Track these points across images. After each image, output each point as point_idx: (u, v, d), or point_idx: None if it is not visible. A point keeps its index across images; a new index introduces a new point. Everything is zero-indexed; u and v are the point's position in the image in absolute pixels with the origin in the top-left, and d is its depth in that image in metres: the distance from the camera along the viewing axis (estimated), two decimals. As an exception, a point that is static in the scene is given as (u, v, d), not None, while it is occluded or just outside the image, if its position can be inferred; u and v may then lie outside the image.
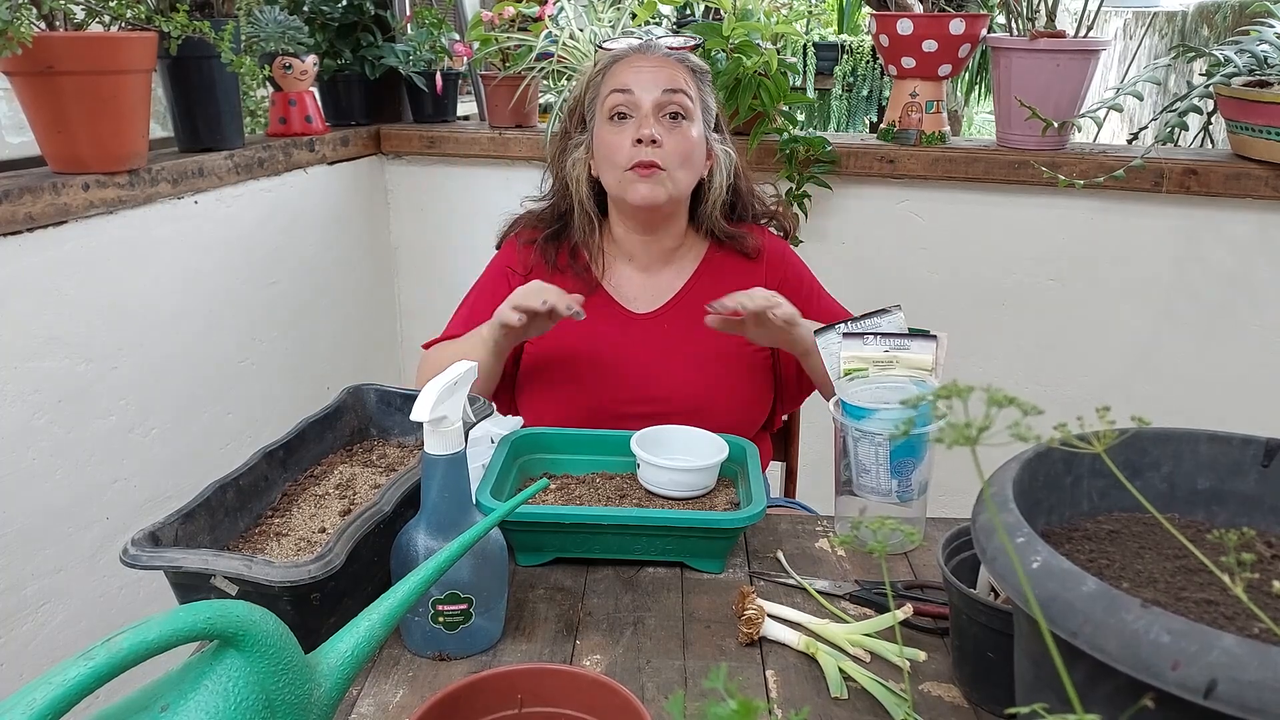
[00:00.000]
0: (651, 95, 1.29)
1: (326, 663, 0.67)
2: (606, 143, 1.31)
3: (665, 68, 1.32)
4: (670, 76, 1.31)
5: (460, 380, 0.86)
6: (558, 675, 0.70)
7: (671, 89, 1.29)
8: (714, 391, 1.34)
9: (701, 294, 1.36)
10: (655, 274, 1.39)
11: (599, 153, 1.33)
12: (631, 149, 1.27)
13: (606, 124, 1.31)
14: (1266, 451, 0.70)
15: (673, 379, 1.33)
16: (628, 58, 1.34)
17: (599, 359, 1.34)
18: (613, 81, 1.31)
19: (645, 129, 1.27)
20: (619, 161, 1.29)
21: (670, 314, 1.37)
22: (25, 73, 1.31)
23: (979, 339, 1.92)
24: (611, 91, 1.30)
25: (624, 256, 1.40)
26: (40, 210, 1.32)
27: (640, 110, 1.29)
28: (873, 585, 0.99)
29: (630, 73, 1.31)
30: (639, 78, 1.30)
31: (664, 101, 1.29)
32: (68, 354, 1.39)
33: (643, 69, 1.31)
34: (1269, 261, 1.75)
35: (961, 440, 0.40)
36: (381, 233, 2.20)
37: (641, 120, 1.28)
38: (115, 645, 0.54)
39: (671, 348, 1.35)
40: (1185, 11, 3.51)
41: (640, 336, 1.36)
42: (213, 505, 0.91)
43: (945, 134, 1.90)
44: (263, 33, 1.73)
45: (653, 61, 1.32)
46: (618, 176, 1.30)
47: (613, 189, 1.33)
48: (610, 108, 1.30)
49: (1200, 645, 0.44)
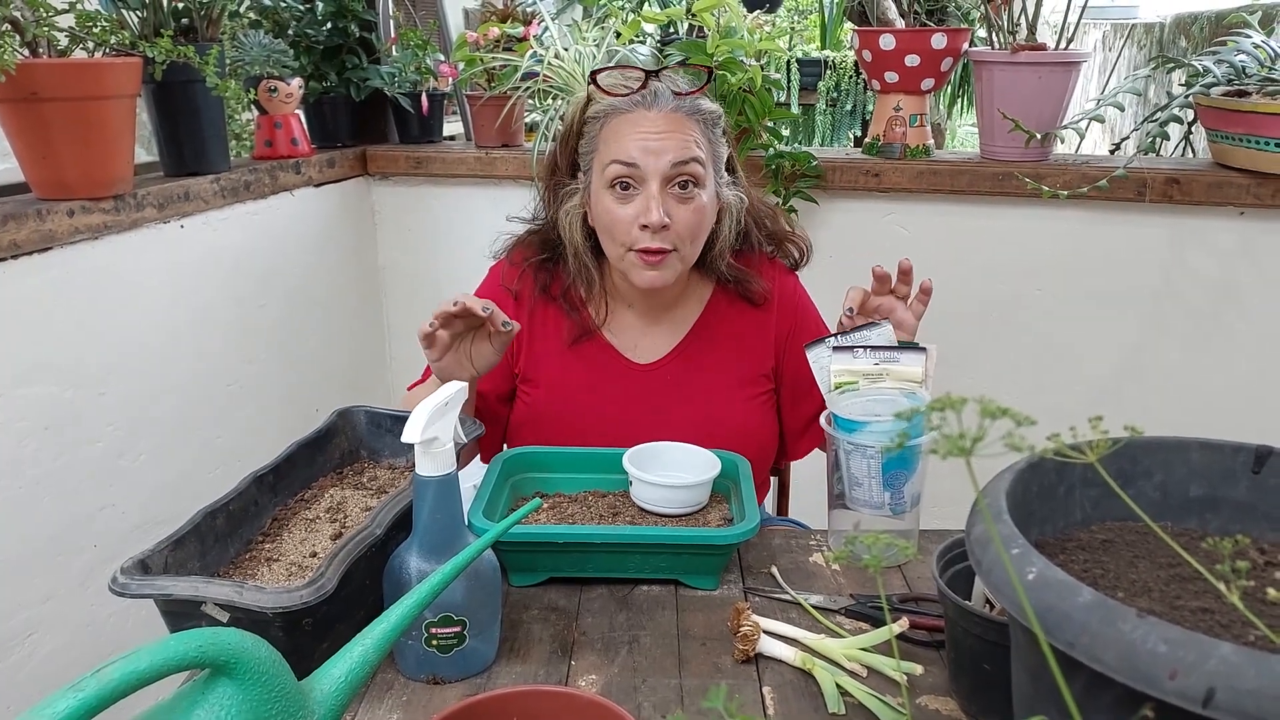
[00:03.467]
0: (660, 169, 1.16)
1: (320, 689, 0.66)
2: (608, 213, 1.19)
3: (674, 131, 1.17)
4: (680, 144, 1.17)
5: (451, 401, 0.86)
6: (553, 697, 0.70)
7: (682, 160, 1.16)
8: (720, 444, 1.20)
9: (705, 342, 1.31)
10: (657, 321, 1.31)
11: (598, 218, 1.22)
12: (637, 230, 1.17)
13: (607, 190, 1.19)
14: (1257, 458, 0.70)
15: (677, 434, 1.21)
16: (630, 114, 1.19)
17: (599, 413, 1.28)
18: (614, 144, 1.18)
19: (654, 215, 1.15)
20: (621, 239, 1.19)
21: (673, 364, 1.30)
22: (9, 100, 1.31)
23: (967, 350, 1.92)
24: (613, 160, 1.17)
25: (623, 303, 1.32)
26: (25, 237, 1.31)
27: (647, 187, 1.16)
28: (868, 599, 0.99)
29: (634, 140, 1.17)
30: (644, 147, 1.16)
31: (674, 175, 1.17)
32: (55, 380, 1.38)
33: (648, 137, 1.16)
34: (1252, 268, 1.76)
35: (956, 451, 0.40)
36: (369, 254, 2.20)
37: (649, 201, 1.16)
38: (105, 676, 0.53)
39: (675, 400, 1.29)
40: (1163, 23, 3.55)
41: (642, 389, 1.29)
42: (202, 531, 0.91)
43: (929, 147, 1.91)
44: (247, 56, 1.74)
45: (659, 124, 1.17)
46: (620, 254, 1.21)
47: (615, 262, 1.23)
48: (611, 177, 1.18)
49: (1198, 654, 0.44)
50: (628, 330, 1.32)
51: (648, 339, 1.32)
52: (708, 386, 1.30)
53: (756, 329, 1.34)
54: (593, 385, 1.29)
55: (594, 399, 1.29)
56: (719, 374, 1.31)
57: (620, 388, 1.29)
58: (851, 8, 2.70)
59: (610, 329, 1.32)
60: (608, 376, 1.30)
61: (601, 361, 1.30)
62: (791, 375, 1.34)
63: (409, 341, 1.32)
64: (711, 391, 1.29)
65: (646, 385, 1.30)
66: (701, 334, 1.32)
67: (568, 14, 2.97)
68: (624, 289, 1.31)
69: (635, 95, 1.21)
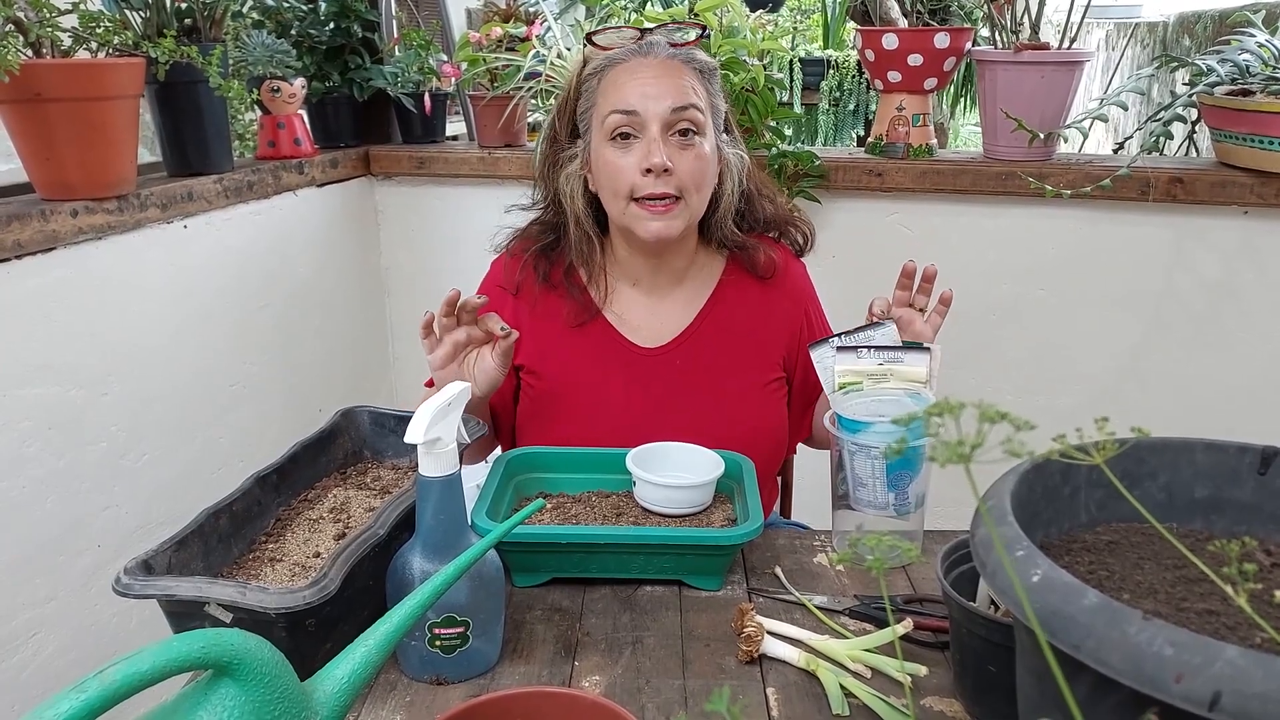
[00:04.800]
0: (659, 114, 1.14)
1: (323, 690, 0.66)
2: (609, 164, 1.17)
3: (671, 76, 1.16)
4: (678, 89, 1.16)
5: (454, 401, 0.86)
6: (556, 698, 0.70)
7: (681, 105, 1.15)
8: (730, 437, 1.18)
9: (717, 323, 1.27)
10: (663, 299, 1.27)
11: (600, 172, 1.19)
12: (639, 177, 1.14)
13: (608, 144, 1.17)
14: (1263, 459, 0.70)
15: (685, 426, 1.19)
16: (626, 64, 1.18)
17: (602, 402, 1.23)
18: (612, 95, 1.17)
19: (655, 156, 1.13)
20: (624, 190, 1.16)
21: (681, 350, 1.25)
22: (12, 100, 1.31)
23: (971, 350, 1.92)
24: (612, 111, 1.16)
25: (627, 280, 1.27)
26: (29, 237, 1.31)
27: (647, 132, 1.14)
28: (872, 600, 0.99)
29: (632, 87, 1.16)
30: (643, 93, 1.15)
31: (674, 120, 1.15)
32: (58, 380, 1.38)
33: (646, 81, 1.16)
34: (1256, 268, 1.76)
35: (955, 458, 0.39)
36: (372, 254, 2.20)
37: (650, 145, 1.14)
38: (108, 677, 0.53)
39: (683, 389, 1.24)
40: (1166, 22, 3.55)
41: (648, 376, 1.24)
42: (205, 532, 0.91)
43: (932, 146, 1.91)
44: (250, 56, 1.74)
45: (655, 69, 1.17)
46: (623, 207, 1.17)
47: (617, 218, 1.20)
48: (611, 128, 1.16)
49: (1204, 657, 0.44)
50: (632, 310, 1.27)
51: (654, 319, 1.27)
52: (716, 374, 1.25)
53: (767, 313, 1.29)
54: (594, 371, 1.25)
55: (596, 386, 1.24)
56: (731, 361, 1.26)
57: (624, 375, 1.24)
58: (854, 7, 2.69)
59: (613, 310, 1.27)
60: (610, 362, 1.25)
61: (604, 346, 1.26)
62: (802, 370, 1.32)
63: (412, 341, 1.32)
64: (723, 382, 1.24)
65: (651, 372, 1.25)
66: (712, 316, 1.27)
67: (570, 14, 2.97)
68: (628, 262, 1.26)
69: (631, 46, 1.21)
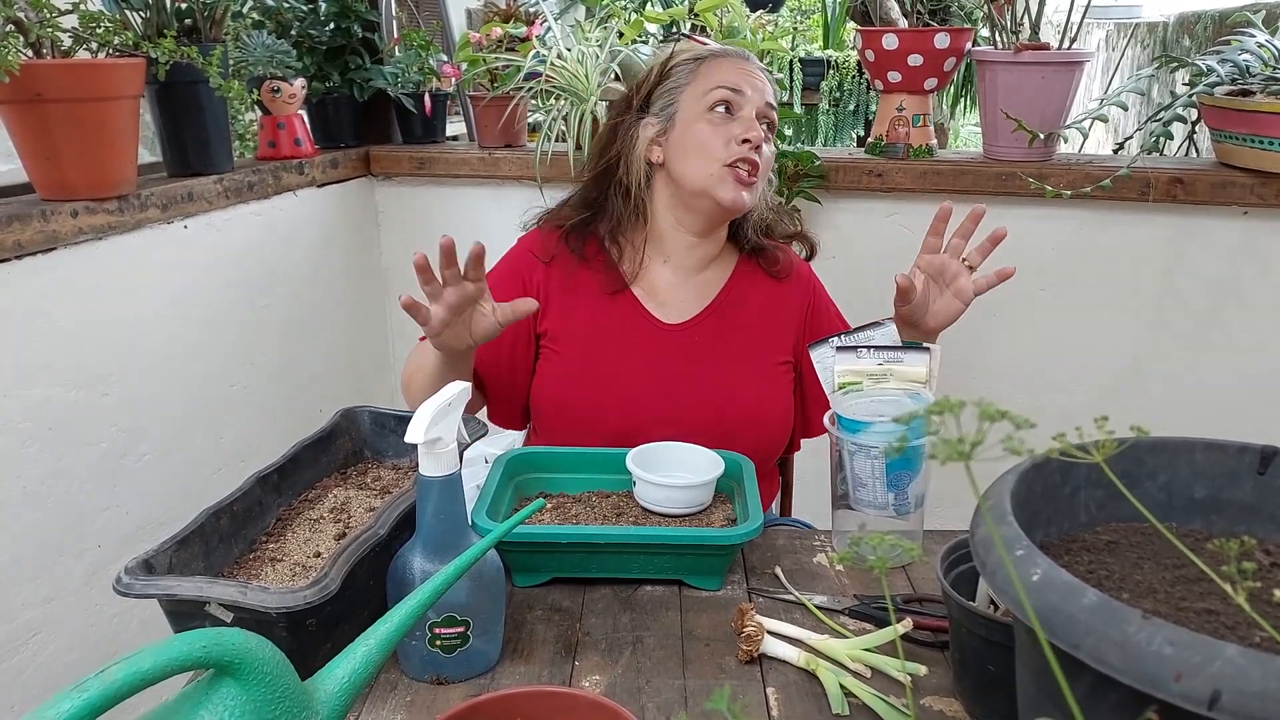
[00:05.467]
0: (758, 102, 1.27)
1: (324, 689, 0.66)
2: (704, 134, 1.26)
3: (767, 81, 1.31)
4: (772, 91, 1.31)
5: (454, 401, 0.86)
6: (557, 697, 0.70)
7: (771, 104, 1.29)
8: (743, 419, 1.29)
9: (733, 307, 1.34)
10: (689, 279, 1.35)
11: (687, 142, 1.27)
12: (737, 145, 1.24)
13: (706, 114, 1.26)
14: (1262, 459, 0.70)
15: (703, 400, 1.28)
16: (730, 58, 1.31)
17: (625, 371, 1.30)
18: (718, 75, 1.28)
19: (755, 130, 1.24)
20: (718, 155, 1.24)
21: (702, 326, 1.33)
22: (13, 101, 1.31)
23: (971, 350, 1.92)
24: (719, 85, 1.27)
25: (660, 256, 1.35)
26: (29, 238, 1.31)
27: (746, 110, 1.26)
28: (872, 600, 0.99)
29: (739, 74, 1.28)
30: (750, 80, 1.28)
31: (764, 112, 1.28)
32: (58, 381, 1.38)
33: (751, 73, 1.29)
34: (1256, 268, 1.76)
35: (955, 456, 0.39)
36: (372, 254, 2.20)
37: (749, 121, 1.25)
38: (109, 676, 0.53)
39: (700, 364, 1.31)
40: (1166, 22, 3.55)
41: (669, 350, 1.31)
42: (206, 532, 0.91)
43: (932, 147, 1.91)
44: (250, 57, 1.74)
45: (756, 70, 1.31)
46: (711, 170, 1.25)
47: (699, 182, 1.26)
48: (715, 99, 1.26)
49: (1203, 656, 0.44)
50: (659, 288, 1.34)
51: (677, 298, 1.34)
52: (733, 352, 1.32)
53: (779, 303, 1.37)
54: (619, 342, 1.31)
55: (620, 356, 1.30)
56: (744, 341, 1.34)
57: (648, 346, 1.31)
58: (854, 7, 2.70)
59: (641, 286, 1.34)
60: (635, 334, 1.32)
61: (630, 319, 1.32)
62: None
63: (413, 342, 1.32)
64: (736, 358, 1.31)
65: (673, 345, 1.32)
66: (729, 299, 1.35)
67: (570, 14, 2.97)
68: (668, 237, 1.34)
69: (734, 49, 1.34)
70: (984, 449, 0.40)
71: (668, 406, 1.27)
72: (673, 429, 1.21)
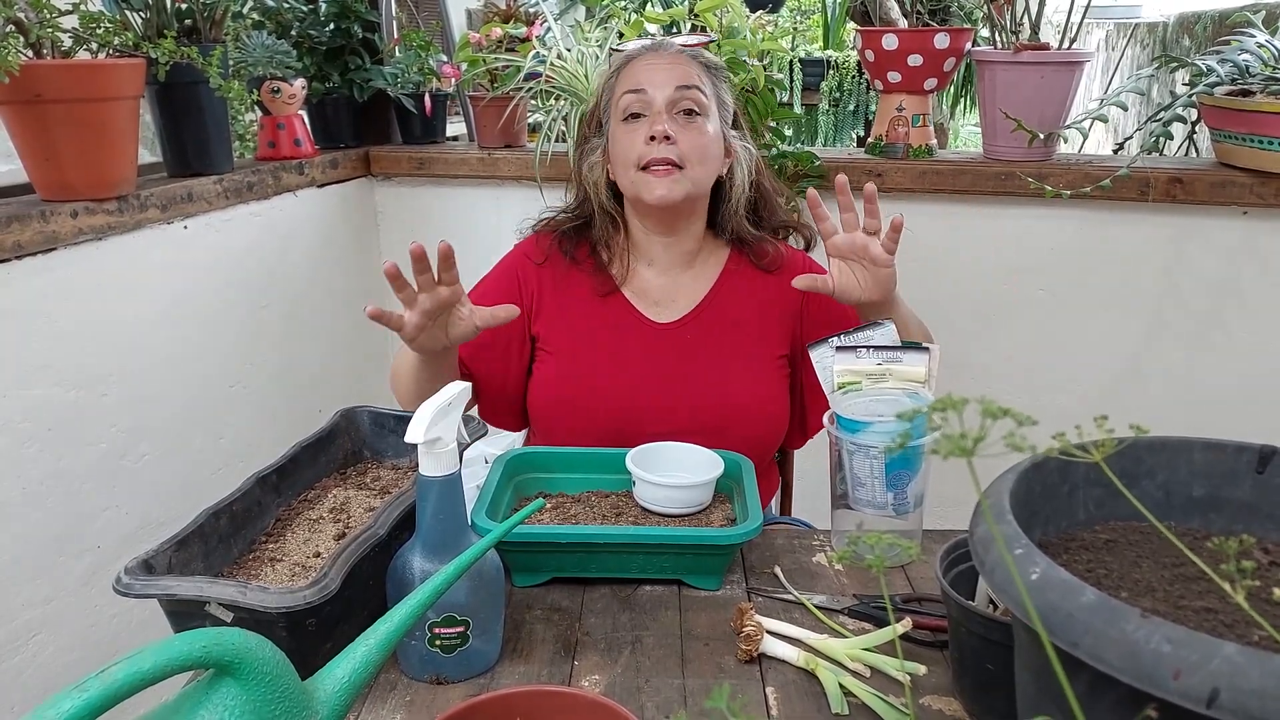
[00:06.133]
0: (664, 93, 1.27)
1: (323, 689, 0.66)
2: (620, 142, 1.29)
3: (678, 65, 1.30)
4: (684, 73, 1.29)
5: (454, 401, 0.86)
6: (556, 697, 0.70)
7: (685, 85, 1.27)
8: (733, 411, 1.30)
9: (725, 305, 1.35)
10: (676, 279, 1.36)
11: (614, 153, 1.32)
12: (644, 146, 1.25)
13: (620, 125, 1.29)
14: (1260, 458, 0.70)
15: (696, 397, 1.30)
16: (641, 57, 1.32)
17: (619, 370, 1.31)
18: (626, 81, 1.30)
19: (658, 125, 1.24)
20: (633, 160, 1.27)
21: (693, 324, 1.34)
22: (13, 101, 1.31)
23: (970, 350, 1.92)
24: (625, 92, 1.29)
25: (643, 260, 1.37)
26: (29, 238, 1.31)
27: (653, 108, 1.27)
28: (871, 599, 0.99)
29: (643, 71, 1.29)
30: (651, 76, 1.28)
31: (677, 98, 1.27)
32: (57, 381, 1.38)
33: (656, 66, 1.29)
34: (1255, 268, 1.76)
35: (958, 452, 0.40)
36: (372, 254, 2.20)
37: (654, 118, 1.26)
38: (109, 676, 0.53)
39: (694, 363, 1.32)
40: (1166, 22, 3.55)
41: (662, 348, 1.33)
42: (206, 532, 0.91)
43: (932, 147, 1.91)
44: (250, 57, 1.74)
45: (666, 59, 1.31)
46: (631, 176, 1.28)
47: (628, 189, 1.30)
48: (624, 108, 1.29)
49: (1201, 654, 0.44)
50: (648, 289, 1.36)
51: (668, 297, 1.36)
52: (725, 349, 1.32)
53: (772, 297, 1.36)
54: (613, 342, 1.33)
55: (613, 356, 1.32)
56: (736, 338, 1.34)
57: (640, 346, 1.33)
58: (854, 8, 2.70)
59: (631, 288, 1.36)
60: (628, 334, 1.33)
61: (622, 319, 1.34)
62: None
63: (412, 342, 1.32)
64: (730, 354, 1.32)
65: (665, 344, 1.33)
66: (719, 297, 1.36)
67: (570, 14, 2.97)
68: (643, 243, 1.36)
69: (646, 42, 1.39)
70: (985, 446, 0.40)
71: (662, 404, 1.29)
72: (667, 426, 1.23)
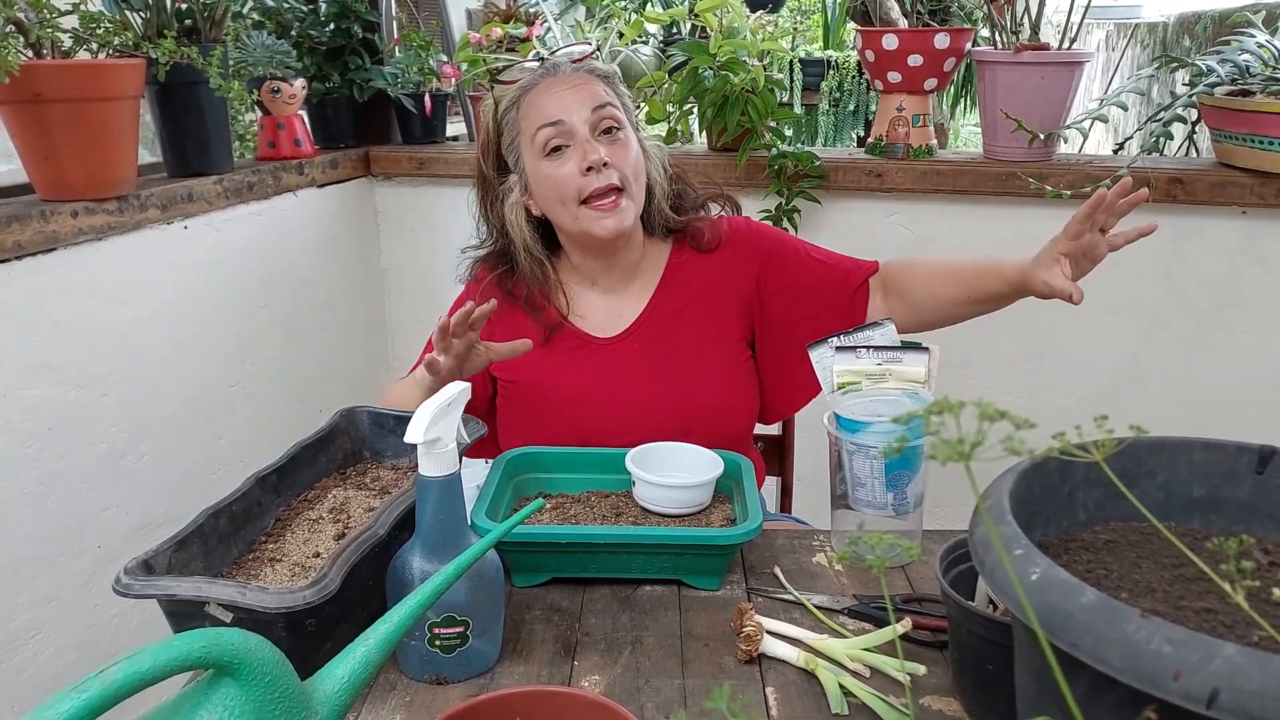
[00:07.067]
0: (582, 117, 1.22)
1: (323, 690, 0.66)
2: (550, 179, 1.23)
3: (583, 85, 1.25)
4: (592, 93, 1.24)
5: (454, 401, 0.86)
6: (556, 697, 0.70)
7: (598, 105, 1.23)
8: (695, 410, 1.28)
9: (669, 308, 1.33)
10: (619, 295, 1.34)
11: (542, 191, 1.26)
12: (582, 179, 1.21)
13: (544, 160, 1.24)
14: (1260, 458, 0.70)
15: (652, 403, 1.28)
16: (538, 86, 1.26)
17: (574, 394, 1.30)
18: (535, 115, 1.24)
19: (593, 154, 1.20)
20: (571, 195, 1.22)
21: (637, 335, 1.32)
22: (13, 101, 1.31)
23: (970, 350, 1.92)
24: (540, 127, 1.23)
25: (585, 283, 1.34)
26: (29, 238, 1.31)
27: (577, 137, 1.22)
28: (871, 599, 0.99)
29: (552, 101, 1.24)
30: (562, 102, 1.23)
31: (596, 120, 1.23)
32: (57, 381, 1.38)
33: (562, 94, 1.24)
34: (1255, 268, 1.76)
35: (955, 456, 0.40)
36: (372, 254, 2.20)
37: (583, 145, 1.21)
38: (109, 676, 0.53)
39: (644, 371, 1.30)
40: (1166, 23, 3.54)
41: (610, 363, 1.31)
42: (205, 532, 0.91)
43: (932, 147, 1.91)
44: (250, 57, 1.74)
45: (567, 83, 1.25)
46: (574, 213, 1.24)
47: (569, 226, 1.26)
48: (543, 143, 1.23)
49: (1202, 655, 0.44)
50: (594, 310, 1.34)
51: (611, 314, 1.34)
52: (678, 347, 1.31)
53: (720, 276, 1.34)
54: (565, 370, 1.31)
55: (567, 382, 1.30)
56: (688, 332, 1.32)
57: (590, 365, 1.31)
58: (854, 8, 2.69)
59: (577, 315, 1.34)
60: (577, 357, 1.32)
61: (571, 345, 1.32)
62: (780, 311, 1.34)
63: (412, 342, 1.33)
64: (683, 352, 1.30)
65: (615, 356, 1.31)
66: (665, 297, 1.34)
67: (570, 14, 2.97)
68: (583, 267, 1.33)
69: (539, 70, 1.30)
70: (983, 449, 0.40)
71: (628, 418, 1.27)
72: (637, 435, 1.19)
